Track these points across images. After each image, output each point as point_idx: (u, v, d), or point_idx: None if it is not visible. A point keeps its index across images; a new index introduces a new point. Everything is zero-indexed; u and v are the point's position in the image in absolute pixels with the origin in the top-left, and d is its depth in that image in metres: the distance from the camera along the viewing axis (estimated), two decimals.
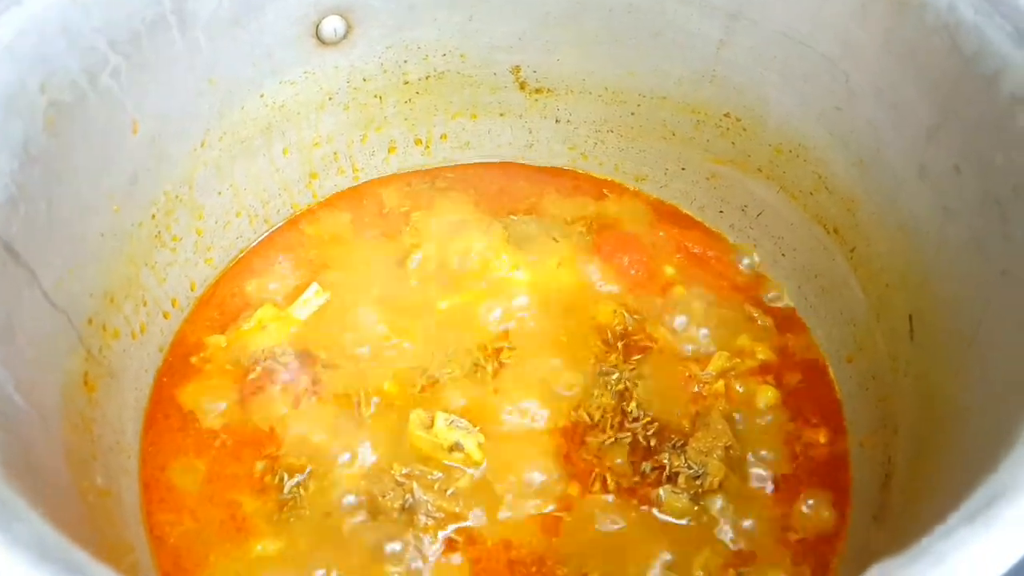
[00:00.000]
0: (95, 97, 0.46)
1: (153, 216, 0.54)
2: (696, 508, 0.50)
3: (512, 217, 0.64)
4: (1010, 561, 0.28)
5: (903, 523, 0.44)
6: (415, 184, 0.67)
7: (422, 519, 0.49)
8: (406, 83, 0.63)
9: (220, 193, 0.59)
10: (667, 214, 0.65)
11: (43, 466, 0.38)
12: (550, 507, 0.50)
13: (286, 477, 0.51)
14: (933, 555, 0.28)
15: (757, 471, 0.52)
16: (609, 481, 0.51)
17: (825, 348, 0.58)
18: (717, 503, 0.50)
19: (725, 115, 0.60)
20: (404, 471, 0.51)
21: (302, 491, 0.51)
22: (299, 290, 0.60)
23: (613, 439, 0.52)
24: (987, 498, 0.30)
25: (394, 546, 0.49)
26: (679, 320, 0.59)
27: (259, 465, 0.52)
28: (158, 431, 0.53)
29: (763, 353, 0.57)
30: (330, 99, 0.61)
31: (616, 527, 0.50)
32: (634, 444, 0.52)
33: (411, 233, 0.63)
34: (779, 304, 0.60)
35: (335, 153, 0.64)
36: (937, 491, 0.41)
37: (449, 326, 0.58)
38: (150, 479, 0.52)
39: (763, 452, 0.53)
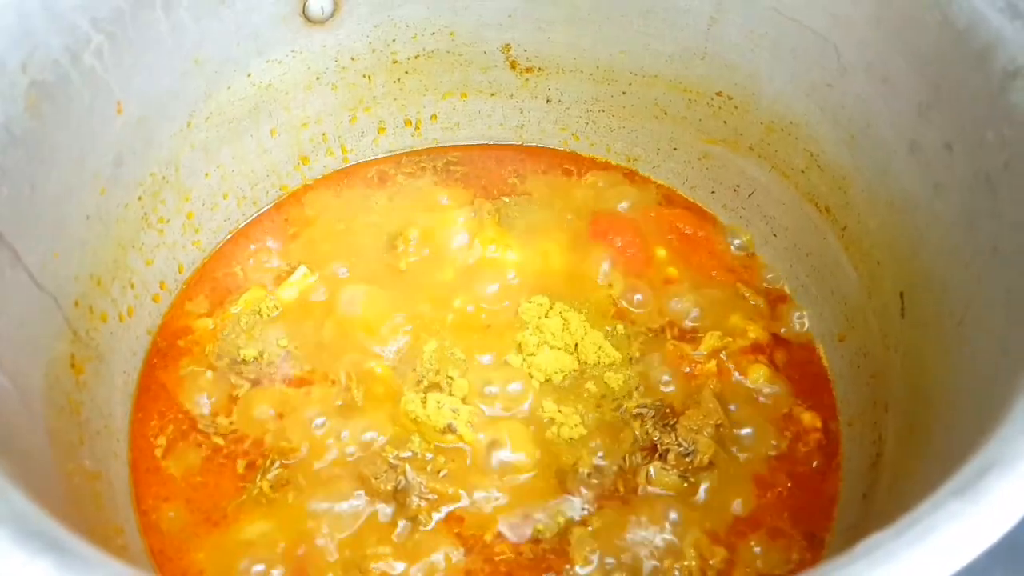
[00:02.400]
0: (78, 77, 0.45)
1: (139, 198, 0.53)
2: (686, 485, 0.50)
3: (504, 199, 0.64)
4: (998, 534, 0.28)
5: (893, 500, 0.44)
6: (405, 165, 0.66)
7: (415, 500, 0.49)
8: (395, 62, 0.62)
9: (207, 175, 0.58)
10: (659, 195, 0.65)
11: (26, 447, 0.38)
12: (543, 484, 0.50)
13: (277, 460, 0.51)
14: (923, 527, 0.28)
15: (747, 449, 0.52)
16: (603, 459, 0.51)
17: (817, 327, 0.58)
18: (706, 480, 0.50)
19: (717, 93, 0.59)
20: (396, 453, 0.51)
21: (293, 474, 0.51)
22: (287, 272, 0.59)
23: (615, 411, 0.53)
24: (976, 472, 0.30)
25: (389, 528, 0.49)
26: (671, 300, 0.58)
27: (249, 448, 0.52)
28: (147, 415, 0.53)
29: (755, 332, 0.57)
30: (318, 79, 0.61)
31: (607, 504, 0.50)
32: (631, 420, 0.53)
33: (401, 215, 0.63)
34: (771, 284, 0.60)
35: (324, 134, 0.64)
36: (926, 468, 0.41)
37: (439, 308, 0.58)
38: (139, 463, 0.51)
39: (754, 430, 0.53)
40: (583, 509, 0.50)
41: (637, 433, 0.52)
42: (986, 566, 0.27)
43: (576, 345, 0.55)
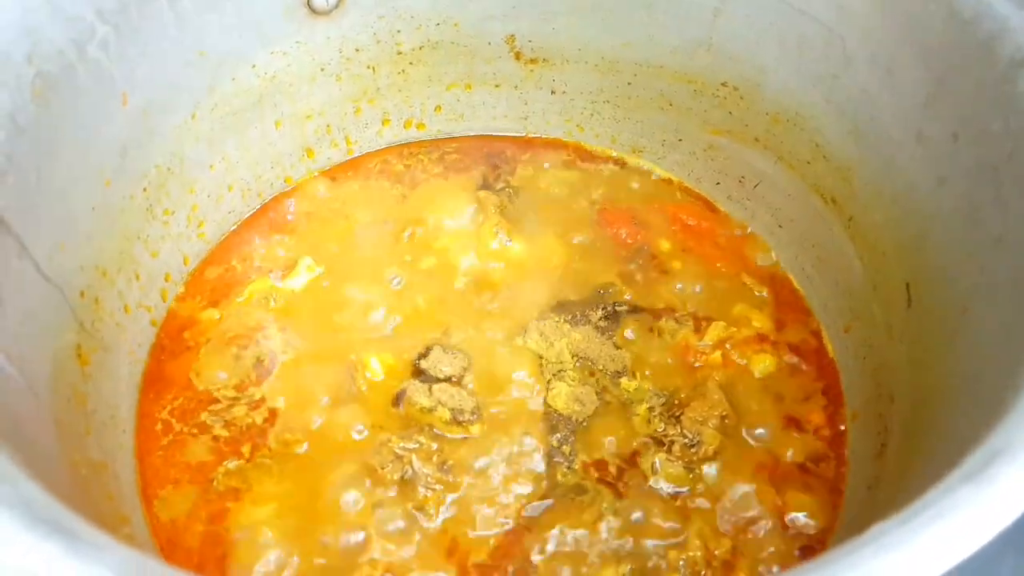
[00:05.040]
0: (83, 68, 0.45)
1: (144, 190, 0.53)
2: (691, 476, 0.50)
3: (509, 190, 0.64)
4: (1008, 519, 0.28)
5: (899, 490, 0.44)
6: (409, 157, 0.66)
7: (421, 491, 0.49)
8: (399, 53, 0.62)
9: (212, 166, 0.58)
10: (664, 186, 0.65)
11: (33, 437, 0.38)
12: (545, 477, 0.50)
13: (283, 450, 0.51)
14: (931, 513, 0.28)
15: (752, 440, 0.52)
16: (610, 453, 0.51)
17: (822, 318, 0.58)
18: (712, 471, 0.50)
19: (722, 84, 0.59)
20: (402, 444, 0.51)
21: (298, 464, 0.51)
22: (292, 264, 0.59)
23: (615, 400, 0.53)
24: (985, 458, 0.30)
25: (394, 519, 0.49)
26: (676, 291, 0.58)
27: (255, 438, 0.52)
28: (153, 406, 0.53)
29: (759, 322, 0.57)
30: (322, 70, 0.60)
31: (613, 496, 0.50)
32: (637, 413, 0.53)
33: (405, 206, 0.63)
34: (776, 275, 0.60)
35: (328, 126, 0.64)
36: (932, 458, 0.40)
37: (444, 298, 0.58)
38: (145, 453, 0.51)
39: (759, 421, 0.53)
40: (589, 502, 0.50)
41: (644, 425, 0.52)
42: (998, 551, 0.27)
43: (590, 361, 0.55)
